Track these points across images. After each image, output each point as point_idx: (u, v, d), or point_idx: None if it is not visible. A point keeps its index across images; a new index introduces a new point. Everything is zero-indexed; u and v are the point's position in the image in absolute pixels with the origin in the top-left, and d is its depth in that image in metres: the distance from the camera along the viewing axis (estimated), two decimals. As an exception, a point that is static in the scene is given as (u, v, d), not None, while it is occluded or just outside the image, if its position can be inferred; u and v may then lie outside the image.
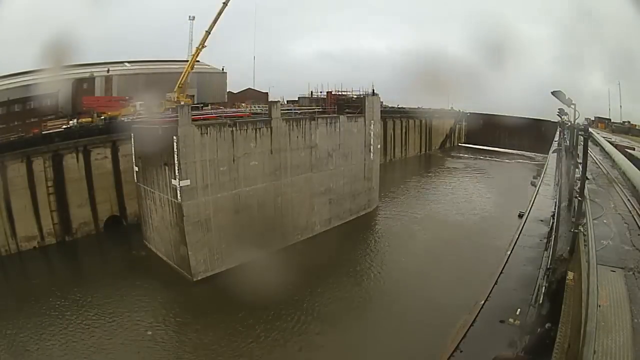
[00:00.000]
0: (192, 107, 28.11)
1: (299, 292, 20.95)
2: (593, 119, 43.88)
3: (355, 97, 37.15)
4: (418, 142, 72.28)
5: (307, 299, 20.74)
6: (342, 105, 35.99)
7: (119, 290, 21.50)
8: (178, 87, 40.29)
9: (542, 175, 25.99)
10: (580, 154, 11.13)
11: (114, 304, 20.22)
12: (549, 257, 11.60)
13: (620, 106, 47.01)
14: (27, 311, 19.38)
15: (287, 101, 42.10)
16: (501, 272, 12.11)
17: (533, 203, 19.91)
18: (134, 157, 28.20)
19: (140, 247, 27.95)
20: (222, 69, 54.61)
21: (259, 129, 26.46)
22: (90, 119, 34.84)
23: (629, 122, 43.40)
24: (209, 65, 53.05)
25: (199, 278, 23.16)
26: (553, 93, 10.25)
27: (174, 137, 22.27)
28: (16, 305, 19.89)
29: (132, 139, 28.18)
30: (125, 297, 20.99)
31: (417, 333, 17.31)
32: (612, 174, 14.24)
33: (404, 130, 67.38)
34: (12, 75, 37.20)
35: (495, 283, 11.40)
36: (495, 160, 67.16)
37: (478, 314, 9.69)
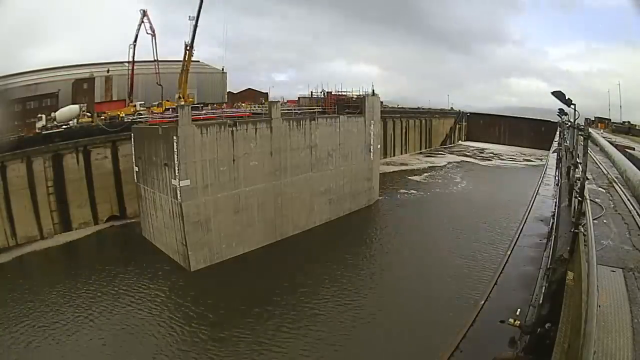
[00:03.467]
0: (192, 107, 28.14)
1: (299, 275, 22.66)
2: (593, 119, 43.72)
3: (355, 97, 37.16)
4: (418, 142, 72.31)
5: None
6: (342, 105, 36.00)
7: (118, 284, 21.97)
8: (179, 87, 40.32)
9: (541, 175, 25.92)
10: (580, 154, 11.12)
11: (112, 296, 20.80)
12: (549, 257, 11.58)
13: (620, 106, 46.88)
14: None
15: (287, 101, 42.16)
16: (501, 272, 12.08)
17: (533, 203, 19.85)
18: (134, 157, 28.23)
19: (141, 247, 27.84)
20: (222, 69, 54.64)
21: (259, 129, 26.47)
22: (90, 119, 34.87)
23: (629, 122, 43.19)
24: (209, 65, 53.06)
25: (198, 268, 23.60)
26: (553, 93, 10.19)
27: (174, 137, 22.30)
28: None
29: (132, 139, 28.21)
30: (124, 290, 21.38)
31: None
32: (612, 174, 14.19)
33: (404, 130, 67.34)
34: (12, 75, 37.20)
35: (495, 283, 11.36)
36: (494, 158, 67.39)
37: (478, 314, 9.67)
